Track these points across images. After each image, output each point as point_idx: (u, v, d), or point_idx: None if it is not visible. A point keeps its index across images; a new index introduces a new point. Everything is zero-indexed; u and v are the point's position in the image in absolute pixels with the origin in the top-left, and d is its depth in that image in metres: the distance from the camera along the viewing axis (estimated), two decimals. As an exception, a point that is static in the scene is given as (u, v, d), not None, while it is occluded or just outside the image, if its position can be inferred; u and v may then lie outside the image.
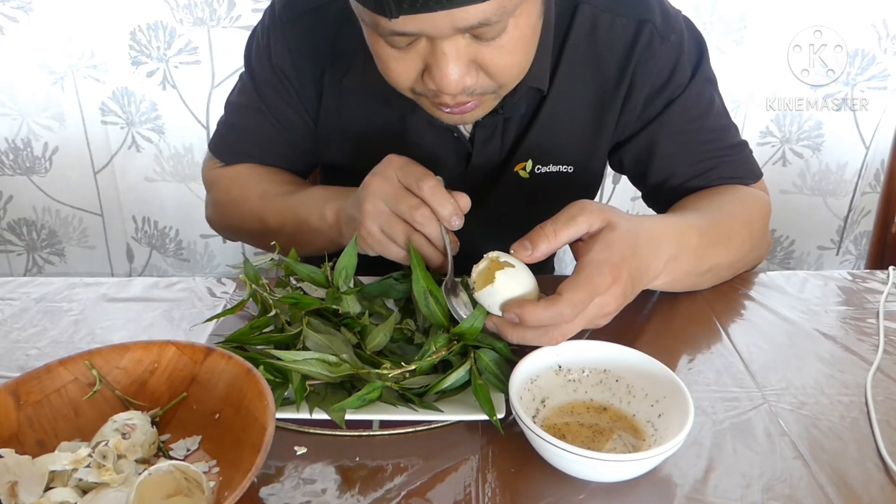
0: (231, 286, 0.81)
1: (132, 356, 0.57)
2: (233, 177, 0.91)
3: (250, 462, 0.45)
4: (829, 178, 1.67)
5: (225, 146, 0.92)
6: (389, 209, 0.66)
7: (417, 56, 0.61)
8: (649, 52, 0.78)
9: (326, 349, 0.59)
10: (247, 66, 0.88)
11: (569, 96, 0.80)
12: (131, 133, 1.67)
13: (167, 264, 1.85)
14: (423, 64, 0.62)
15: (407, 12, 0.54)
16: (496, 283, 0.58)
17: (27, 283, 0.81)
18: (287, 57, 0.83)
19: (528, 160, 0.84)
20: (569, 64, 0.79)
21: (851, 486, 0.50)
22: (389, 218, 0.66)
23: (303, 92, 0.85)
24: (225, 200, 0.91)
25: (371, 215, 0.66)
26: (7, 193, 1.76)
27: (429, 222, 0.65)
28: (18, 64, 1.58)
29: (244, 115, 0.89)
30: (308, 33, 0.81)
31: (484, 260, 0.61)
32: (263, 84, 0.86)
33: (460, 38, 0.58)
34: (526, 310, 0.56)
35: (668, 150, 0.83)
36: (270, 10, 0.84)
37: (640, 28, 0.78)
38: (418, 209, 0.64)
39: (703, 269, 0.74)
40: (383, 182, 0.66)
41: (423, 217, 0.64)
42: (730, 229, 0.76)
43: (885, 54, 1.52)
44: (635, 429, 0.55)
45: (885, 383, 0.62)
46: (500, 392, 0.58)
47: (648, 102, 0.81)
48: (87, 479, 0.47)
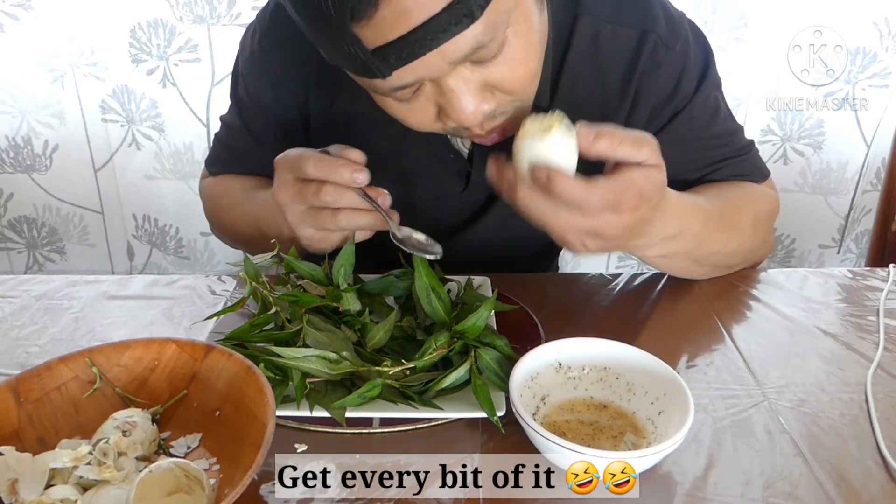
0: (231, 284, 0.81)
1: (132, 354, 0.57)
2: (214, 188, 0.94)
3: (251, 459, 0.45)
4: (830, 176, 1.67)
5: (216, 160, 0.95)
6: (304, 207, 0.66)
7: (428, 101, 0.59)
8: (654, 63, 0.75)
9: (327, 347, 0.59)
10: (231, 91, 0.89)
11: (571, 109, 0.78)
12: (131, 131, 1.67)
13: (167, 262, 1.85)
14: (436, 106, 0.59)
15: (397, 66, 0.52)
16: (551, 134, 0.54)
17: (28, 281, 0.81)
18: (267, 87, 0.82)
19: None
20: (570, 77, 0.76)
21: (851, 484, 0.50)
22: (311, 215, 0.66)
23: (286, 118, 0.84)
24: (210, 210, 0.94)
25: (296, 224, 0.67)
26: (7, 191, 1.76)
27: (339, 195, 0.64)
28: (18, 61, 1.58)
29: (231, 134, 0.91)
30: (290, 59, 0.79)
31: (550, 113, 0.57)
32: (245, 112, 0.87)
33: (462, 69, 0.55)
34: (558, 177, 0.53)
35: (673, 159, 0.80)
36: (249, 41, 0.83)
37: (643, 38, 0.75)
38: (321, 191, 0.64)
39: (700, 254, 0.74)
40: (283, 187, 0.66)
41: (330, 194, 0.64)
42: (735, 221, 0.76)
43: (886, 52, 1.52)
44: (635, 426, 0.55)
45: (885, 381, 0.62)
46: (500, 390, 0.58)
47: (654, 114, 0.79)
48: (87, 476, 0.47)
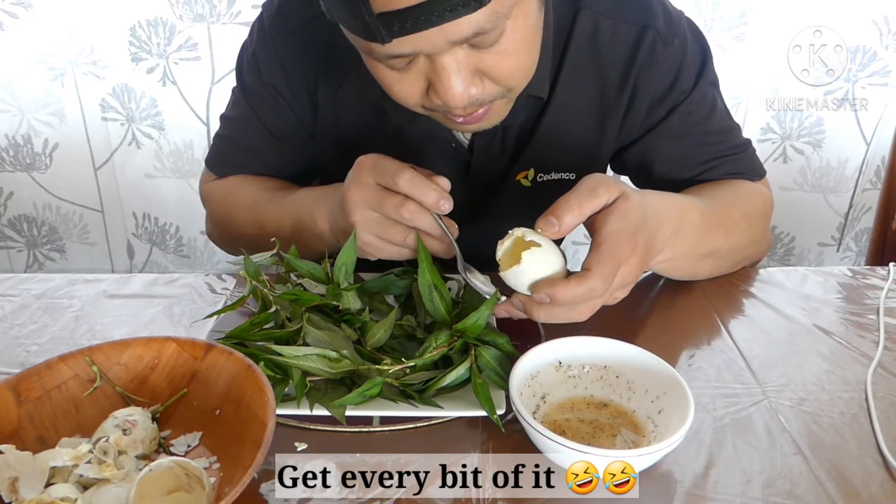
0: (231, 282, 0.81)
1: (133, 352, 0.57)
2: (224, 189, 0.90)
3: (251, 458, 0.45)
4: (830, 174, 1.67)
5: (219, 159, 0.92)
6: (378, 214, 0.65)
7: (419, 74, 0.60)
8: (652, 58, 0.77)
9: (327, 345, 0.59)
10: (238, 79, 0.88)
11: (571, 104, 0.79)
12: (131, 129, 1.67)
13: (168, 261, 1.85)
14: (426, 81, 0.60)
15: (398, 35, 0.53)
16: (522, 264, 0.57)
17: (28, 280, 0.81)
18: (279, 72, 0.82)
19: (530, 169, 0.83)
20: (570, 71, 0.78)
21: (851, 482, 0.50)
22: (381, 223, 0.65)
23: (297, 105, 0.84)
24: (219, 213, 0.90)
25: (362, 226, 0.66)
26: (7, 190, 1.76)
27: (418, 216, 0.63)
28: (18, 60, 1.58)
29: (237, 128, 0.89)
30: (301, 46, 0.80)
31: (508, 237, 0.59)
32: (255, 98, 0.85)
33: (459, 50, 0.57)
34: (557, 289, 0.56)
35: (670, 154, 0.82)
36: (259, 25, 0.83)
37: (642, 34, 0.76)
38: (404, 206, 0.63)
39: (703, 251, 0.74)
40: (361, 189, 0.65)
41: (411, 212, 0.63)
42: (729, 217, 0.76)
43: (886, 51, 1.52)
44: (635, 425, 0.55)
45: (885, 379, 0.62)
46: (500, 389, 0.58)
47: (652, 109, 0.80)
48: (87, 475, 0.47)
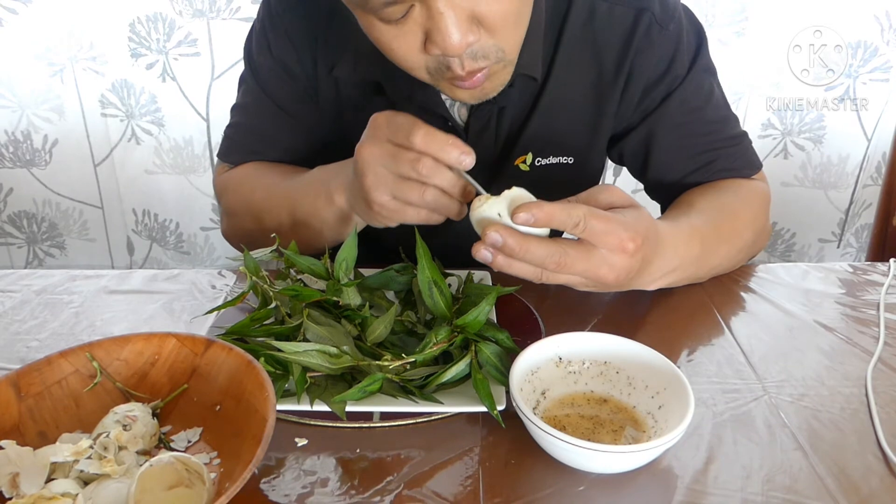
0: (231, 278, 0.81)
1: (133, 348, 0.57)
2: (239, 178, 0.88)
3: (251, 453, 0.45)
4: (831, 170, 1.67)
5: (231, 147, 0.90)
6: (392, 173, 0.61)
7: (416, 25, 0.59)
8: (648, 41, 0.77)
9: (327, 341, 0.59)
10: (248, 61, 0.87)
11: (567, 86, 0.80)
12: (131, 125, 1.66)
13: (167, 257, 1.85)
14: (424, 33, 0.59)
15: None
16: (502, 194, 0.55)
17: (28, 276, 0.81)
18: (290, 47, 0.82)
19: (528, 153, 0.83)
20: (566, 53, 0.78)
21: (851, 478, 0.50)
22: (395, 181, 0.61)
23: (306, 80, 0.84)
24: (236, 205, 0.87)
25: (375, 186, 0.61)
26: (7, 186, 1.76)
27: (436, 172, 0.59)
28: (18, 56, 1.57)
29: (249, 113, 0.88)
30: (303, 19, 0.81)
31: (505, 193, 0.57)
32: (267, 77, 0.85)
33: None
34: (545, 208, 0.53)
35: (666, 143, 0.82)
36: (266, 4, 0.84)
37: (638, 17, 0.77)
38: (420, 162, 0.59)
39: (703, 273, 0.75)
40: (374, 146, 0.61)
41: (428, 168, 0.59)
42: (733, 230, 0.77)
43: (887, 46, 1.52)
44: (636, 420, 0.55)
45: (885, 375, 0.62)
46: (500, 384, 0.58)
47: (646, 93, 0.80)
48: (88, 470, 0.47)
